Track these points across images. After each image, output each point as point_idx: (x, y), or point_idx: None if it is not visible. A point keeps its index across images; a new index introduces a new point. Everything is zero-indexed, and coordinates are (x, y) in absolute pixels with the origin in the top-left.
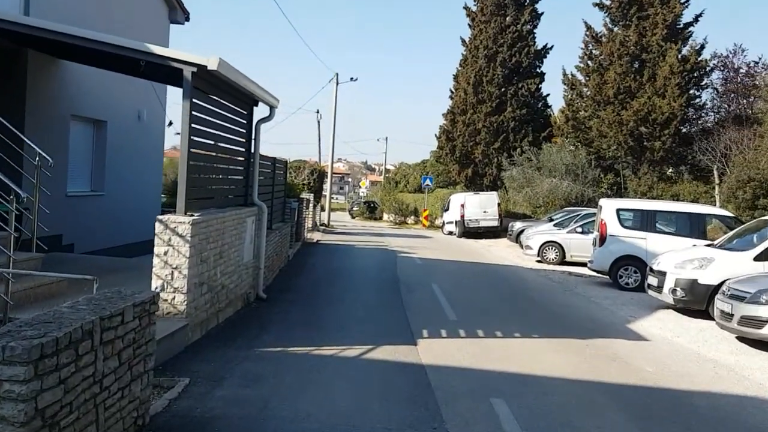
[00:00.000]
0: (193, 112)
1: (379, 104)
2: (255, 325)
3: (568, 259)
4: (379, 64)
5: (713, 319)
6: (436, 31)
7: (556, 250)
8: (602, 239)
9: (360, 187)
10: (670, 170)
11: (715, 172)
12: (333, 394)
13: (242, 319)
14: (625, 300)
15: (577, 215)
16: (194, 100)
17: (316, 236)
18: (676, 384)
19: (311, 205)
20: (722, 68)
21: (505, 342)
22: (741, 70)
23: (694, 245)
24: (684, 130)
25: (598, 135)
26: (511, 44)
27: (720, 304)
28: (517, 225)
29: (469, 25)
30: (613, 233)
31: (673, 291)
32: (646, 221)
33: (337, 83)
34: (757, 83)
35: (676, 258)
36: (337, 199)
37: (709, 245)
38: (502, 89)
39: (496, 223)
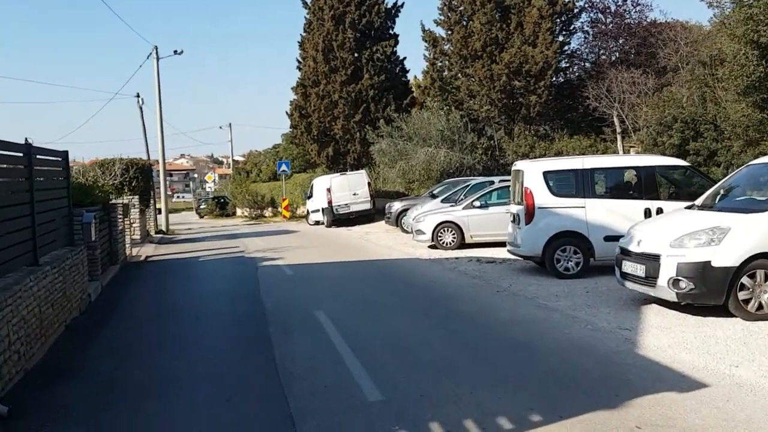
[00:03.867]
0: None
1: (217, 85)
2: None
3: (467, 240)
4: (206, 37)
5: (733, 315)
6: None
7: (454, 232)
8: (530, 214)
9: (206, 181)
10: (543, 128)
11: (615, 119)
12: None
13: None
14: (584, 297)
15: (465, 186)
16: None
17: (146, 250)
18: None
19: (135, 210)
20: (590, 9)
21: None
22: (609, 10)
23: (647, 208)
24: (555, 81)
25: (468, 95)
26: (359, 2)
27: None
28: (396, 205)
29: None
30: (542, 204)
31: (675, 282)
32: (582, 184)
33: (158, 58)
34: (628, 22)
35: (665, 232)
36: (183, 198)
37: (689, 207)
38: (356, 54)
39: (368, 206)
